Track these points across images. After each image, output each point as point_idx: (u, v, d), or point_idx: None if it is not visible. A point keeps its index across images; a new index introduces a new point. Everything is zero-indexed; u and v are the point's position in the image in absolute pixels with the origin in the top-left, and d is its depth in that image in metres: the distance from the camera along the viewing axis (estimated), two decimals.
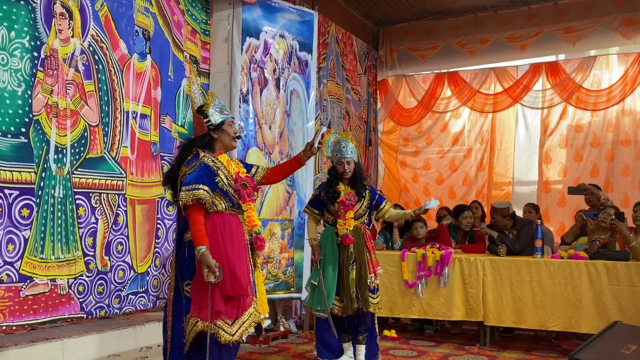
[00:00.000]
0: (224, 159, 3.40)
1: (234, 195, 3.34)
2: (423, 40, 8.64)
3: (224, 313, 3.21)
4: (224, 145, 3.45)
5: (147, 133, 4.68)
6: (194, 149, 3.38)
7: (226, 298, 3.21)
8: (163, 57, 4.86)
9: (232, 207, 3.35)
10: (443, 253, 5.50)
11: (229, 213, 3.34)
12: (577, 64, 7.87)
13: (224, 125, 3.42)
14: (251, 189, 3.41)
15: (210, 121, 3.39)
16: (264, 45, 5.48)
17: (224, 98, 5.26)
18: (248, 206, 3.39)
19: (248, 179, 3.43)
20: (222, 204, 3.31)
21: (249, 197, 3.39)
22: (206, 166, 3.29)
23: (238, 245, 3.30)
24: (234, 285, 3.20)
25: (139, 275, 4.58)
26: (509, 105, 8.25)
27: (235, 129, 3.50)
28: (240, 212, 3.39)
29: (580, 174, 7.68)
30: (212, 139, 3.42)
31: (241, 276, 3.23)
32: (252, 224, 3.40)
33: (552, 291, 5.13)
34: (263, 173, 3.66)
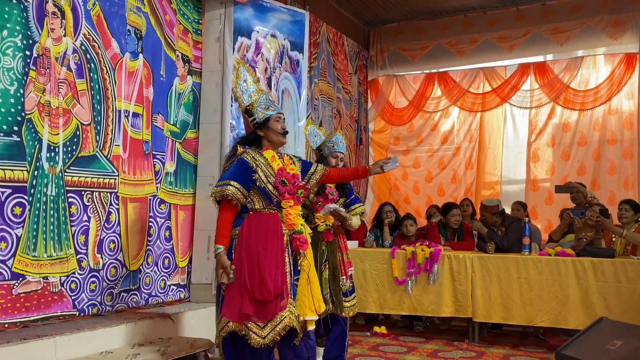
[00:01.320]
0: (269, 155, 3.32)
1: (273, 192, 3.26)
2: (413, 40, 8.66)
3: (254, 316, 3.15)
4: (271, 142, 3.39)
5: (139, 132, 4.65)
6: (236, 145, 3.38)
7: (257, 301, 3.15)
8: (155, 56, 4.83)
9: (271, 205, 3.28)
10: (432, 250, 5.51)
11: (267, 212, 3.27)
12: (564, 64, 7.92)
13: (270, 122, 3.37)
14: (291, 186, 3.30)
15: (255, 119, 3.36)
16: (255, 44, 5.47)
17: (215, 97, 5.25)
18: (288, 204, 3.30)
19: (288, 175, 3.31)
20: (259, 202, 3.25)
21: (289, 195, 3.29)
22: (243, 163, 3.24)
23: (272, 246, 3.22)
24: (261, 289, 3.14)
25: (131, 272, 4.56)
26: (498, 105, 8.29)
27: (282, 124, 3.42)
28: (280, 210, 3.30)
29: (567, 173, 7.72)
30: (259, 136, 3.38)
31: (269, 280, 3.15)
32: (291, 223, 3.31)
33: (540, 288, 5.15)
34: (321, 173, 3.55)
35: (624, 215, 5.32)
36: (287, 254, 3.30)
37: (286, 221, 3.31)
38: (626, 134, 7.53)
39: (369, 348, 5.18)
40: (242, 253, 3.21)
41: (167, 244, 4.96)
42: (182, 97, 5.15)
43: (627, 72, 7.50)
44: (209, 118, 5.29)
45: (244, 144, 3.40)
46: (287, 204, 3.30)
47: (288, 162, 3.42)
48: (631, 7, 7.31)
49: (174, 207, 5.04)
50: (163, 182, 4.91)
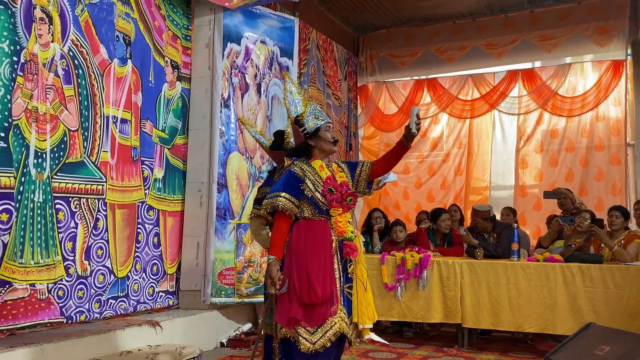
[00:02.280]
0: (317, 165, 3.32)
1: (322, 201, 3.26)
2: (402, 46, 8.68)
3: (303, 321, 3.13)
4: (322, 152, 3.37)
5: (127, 138, 4.63)
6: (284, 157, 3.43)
7: (306, 306, 3.13)
8: (144, 62, 4.82)
9: (320, 213, 3.28)
10: (422, 256, 5.51)
11: (316, 219, 3.27)
12: (552, 71, 7.96)
13: (320, 132, 3.35)
14: (339, 194, 3.30)
15: (306, 129, 3.35)
16: (245, 50, 5.47)
17: (205, 103, 5.25)
18: (336, 212, 3.30)
19: (336, 184, 3.32)
20: (309, 210, 3.26)
21: (337, 203, 3.29)
22: (291, 174, 3.25)
23: (320, 252, 3.21)
24: (309, 293, 3.12)
25: (119, 279, 4.53)
26: (486, 111, 8.32)
27: (332, 133, 3.41)
28: (329, 218, 3.31)
29: (555, 179, 7.75)
30: (309, 146, 3.37)
31: (317, 283, 3.13)
32: (340, 230, 3.30)
33: (528, 293, 5.15)
34: (368, 169, 3.47)
35: (614, 222, 5.33)
36: (336, 260, 3.29)
37: (335, 228, 3.31)
38: (613, 140, 7.57)
39: (358, 354, 5.17)
40: (291, 258, 3.22)
41: (155, 250, 4.93)
42: (171, 103, 5.13)
43: (614, 79, 7.55)
44: (198, 124, 5.28)
45: (294, 154, 3.43)
46: (335, 211, 3.30)
47: (337, 170, 3.41)
48: (618, 14, 7.37)
49: (163, 213, 5.02)
50: (151, 188, 4.89)
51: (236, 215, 5.27)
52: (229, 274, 5.18)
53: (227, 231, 5.20)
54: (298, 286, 3.13)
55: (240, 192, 5.34)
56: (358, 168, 3.47)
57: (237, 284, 5.21)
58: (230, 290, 5.17)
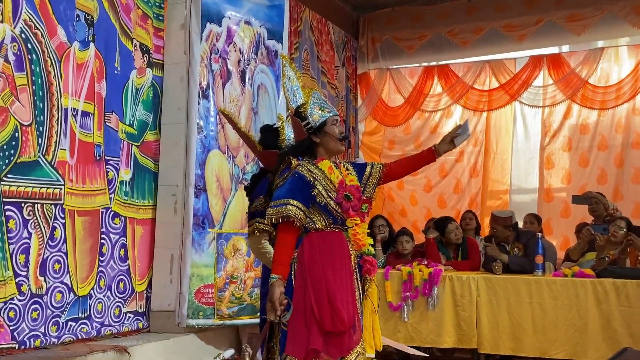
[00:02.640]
0: (326, 166, 3.23)
1: (336, 209, 3.19)
2: (409, 28, 8.68)
3: (324, 352, 3.03)
4: (328, 151, 3.29)
5: (89, 133, 4.61)
6: (288, 157, 3.27)
7: (326, 335, 3.04)
8: (108, 46, 4.80)
9: (335, 223, 3.20)
10: (432, 271, 5.50)
11: (331, 230, 3.19)
12: (582, 56, 7.97)
13: (326, 127, 3.25)
14: (356, 201, 3.22)
15: (310, 123, 3.26)
16: (226, 32, 5.45)
17: (180, 93, 5.23)
18: (353, 222, 3.22)
19: (352, 189, 3.24)
20: (321, 221, 3.17)
21: (354, 211, 3.22)
22: (300, 177, 3.14)
23: (340, 270, 3.14)
24: (334, 320, 3.03)
25: (80, 298, 4.51)
26: (506, 103, 8.33)
27: (340, 128, 3.32)
28: (345, 229, 3.24)
29: (586, 181, 7.76)
30: (314, 143, 3.28)
31: (341, 307, 3.05)
32: (359, 243, 3.24)
33: (555, 314, 5.15)
34: (379, 172, 3.41)
35: None
36: (355, 278, 3.23)
37: (354, 241, 3.25)
38: None
39: None
40: (305, 278, 3.11)
41: (122, 264, 4.92)
42: (140, 93, 5.12)
43: None
44: (172, 117, 5.26)
45: (296, 153, 3.30)
46: (352, 221, 3.23)
47: (345, 172, 3.33)
48: None
49: (130, 221, 5.00)
50: (117, 192, 4.87)
51: (216, 223, 5.25)
52: (208, 291, 5.16)
53: (206, 242, 5.18)
54: (318, 311, 3.03)
55: (221, 196, 5.32)
56: (367, 170, 3.42)
57: (217, 303, 5.19)
58: (210, 311, 5.15)
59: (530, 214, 6.94)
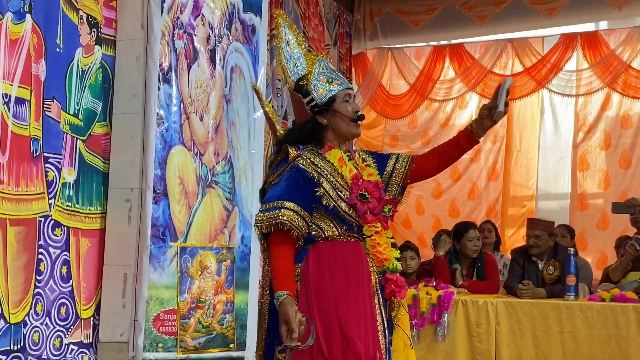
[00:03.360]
0: (336, 157, 3.07)
1: (349, 213, 3.04)
2: (415, 0, 8.71)
3: None
4: (338, 135, 3.14)
5: (24, 125, 4.59)
6: (285, 145, 3.10)
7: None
8: (49, 19, 4.78)
9: (349, 231, 3.05)
10: (441, 294, 5.52)
11: (344, 240, 3.05)
12: (624, 35, 8.05)
13: (336, 103, 3.09)
14: (376, 202, 3.05)
15: (314, 100, 3.11)
16: (193, 3, 5.45)
17: (136, 76, 5.21)
18: (373, 229, 3.05)
19: (369, 185, 3.07)
20: (331, 228, 3.02)
21: (373, 215, 3.04)
22: (299, 172, 3.00)
23: (357, 292, 2.97)
24: (345, 354, 2.89)
25: (12, 326, 4.47)
26: (532, 91, 8.41)
27: (355, 105, 3.17)
28: (363, 239, 3.08)
29: (627, 185, 7.84)
30: (320, 126, 3.13)
31: (357, 339, 2.90)
32: (381, 257, 3.07)
33: (590, 346, 5.19)
34: (407, 165, 3.26)
35: None
36: (377, 302, 3.07)
37: (373, 255, 3.08)
38: None
39: None
40: (310, 302, 2.95)
41: (64, 285, 4.89)
42: (87, 76, 5.10)
43: None
44: (127, 106, 5.24)
45: (296, 140, 3.14)
46: (371, 228, 3.06)
47: (362, 164, 3.19)
48: None
49: (75, 232, 4.98)
50: (59, 197, 4.84)
51: (180, 235, 5.24)
52: (170, 318, 5.14)
53: (167, 258, 5.16)
54: (327, 345, 2.89)
55: (186, 202, 5.31)
56: (389, 164, 3.28)
57: (180, 333, 5.17)
58: (171, 342, 5.14)
59: (561, 226, 6.98)
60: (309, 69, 3.21)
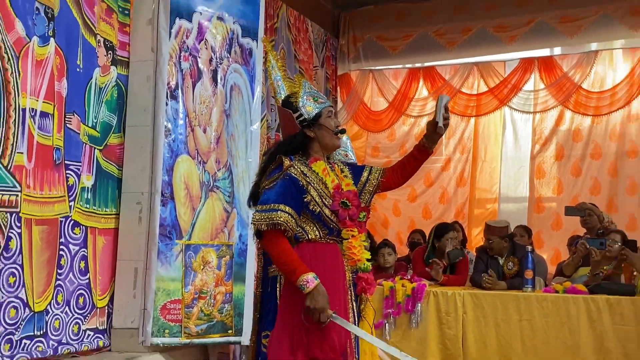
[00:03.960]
0: (320, 168, 3.10)
1: (331, 218, 3.06)
2: (393, 27, 8.74)
3: None
4: (323, 146, 3.17)
5: (48, 136, 4.57)
6: (278, 156, 3.12)
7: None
8: (70, 42, 4.77)
9: (330, 234, 3.08)
10: (415, 286, 5.53)
11: (324, 242, 3.07)
12: (575, 59, 8.08)
13: (322, 119, 3.13)
14: (355, 209, 3.10)
15: (303, 115, 3.12)
16: (197, 29, 5.44)
17: (146, 93, 5.21)
18: (350, 233, 3.09)
19: (351, 194, 3.11)
20: (314, 231, 3.05)
21: (352, 221, 3.08)
22: (291, 180, 3.02)
23: (334, 288, 2.98)
24: (322, 346, 2.91)
25: (36, 314, 4.45)
26: (496, 108, 8.42)
27: (336, 121, 3.21)
28: (341, 242, 3.11)
29: (578, 191, 7.86)
30: (307, 138, 3.15)
31: (334, 333, 2.93)
32: (355, 258, 3.10)
33: (545, 333, 5.21)
34: (379, 177, 3.30)
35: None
36: (349, 297, 3.11)
37: (348, 256, 3.11)
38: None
39: None
40: (294, 296, 2.95)
41: (82, 278, 4.87)
42: (103, 92, 5.09)
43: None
44: (138, 119, 5.23)
45: (287, 151, 3.16)
46: (349, 232, 3.10)
47: (341, 175, 3.22)
48: None
49: (92, 231, 4.96)
50: (78, 200, 4.83)
51: (185, 234, 5.22)
52: (175, 307, 5.13)
53: (173, 254, 5.15)
54: (305, 335, 2.92)
55: (190, 205, 5.30)
56: (364, 174, 3.31)
57: (185, 320, 5.16)
58: (177, 329, 5.12)
59: (520, 226, 7.00)
60: (295, 89, 3.23)
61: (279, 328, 2.97)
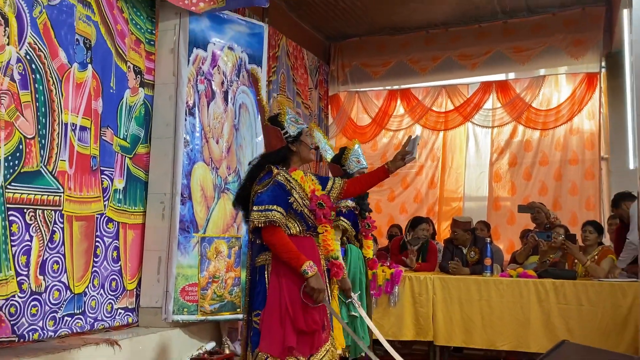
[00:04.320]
0: (299, 176, 3.19)
1: (309, 216, 3.16)
2: (375, 56, 8.75)
3: (297, 350, 2.98)
4: (301, 159, 3.27)
5: (86, 146, 4.58)
6: (267, 165, 3.20)
7: (299, 333, 3.00)
8: (105, 67, 4.78)
9: (307, 229, 3.17)
10: (393, 271, 5.54)
11: (303, 236, 3.16)
12: (526, 83, 8.11)
13: (302, 136, 3.25)
14: (328, 209, 3.20)
15: (288, 132, 3.22)
16: (211, 57, 5.45)
17: (169, 111, 5.22)
18: (324, 228, 3.20)
19: (325, 197, 3.21)
20: (296, 227, 3.13)
21: (326, 218, 3.19)
22: (280, 185, 3.09)
23: None
24: (307, 319, 3.00)
25: (75, 295, 4.45)
26: (460, 124, 8.43)
27: (312, 139, 3.33)
28: (316, 235, 3.21)
29: (529, 193, 7.87)
30: (290, 152, 3.24)
31: (314, 309, 3.02)
32: (328, 249, 3.22)
33: (501, 310, 5.22)
34: (340, 187, 3.38)
35: (588, 238, 5.42)
36: (325, 281, 3.20)
37: (323, 246, 3.22)
38: (587, 154, 7.73)
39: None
40: (280, 280, 3.05)
41: (114, 265, 4.87)
42: (133, 110, 5.10)
43: (588, 92, 7.72)
44: (162, 132, 5.25)
45: (273, 161, 3.24)
46: (323, 228, 3.21)
47: (312, 182, 3.29)
48: (592, 26, 7.54)
49: (123, 226, 4.96)
50: (111, 200, 4.83)
51: (200, 228, 5.23)
52: (192, 290, 5.13)
53: (191, 245, 5.16)
54: (292, 312, 2.99)
55: (205, 204, 5.31)
56: (329, 184, 3.39)
57: (200, 300, 5.16)
58: (193, 308, 5.13)
59: (480, 221, 7.02)
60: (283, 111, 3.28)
61: (269, 307, 3.03)
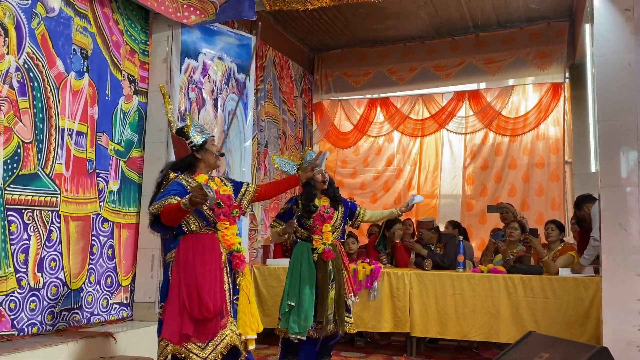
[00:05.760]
0: (202, 179, 3.27)
1: (210, 214, 3.22)
2: (356, 66, 8.75)
3: (194, 336, 3.07)
4: (207, 165, 3.35)
5: (82, 150, 4.52)
6: (167, 171, 3.29)
7: (196, 321, 3.07)
8: (101, 76, 4.73)
9: (208, 226, 3.23)
10: (373, 268, 5.54)
11: (204, 232, 3.22)
12: (496, 92, 8.14)
13: (207, 145, 3.33)
14: (227, 208, 3.26)
15: (193, 142, 3.29)
16: (202, 66, 5.42)
17: (161, 117, 5.16)
18: (223, 225, 3.27)
19: (224, 197, 3.28)
20: (196, 223, 3.20)
21: (225, 216, 3.26)
22: (178, 183, 3.20)
23: (209, 265, 3.16)
24: (200, 308, 3.07)
25: (72, 291, 4.40)
26: (436, 130, 8.45)
27: (217, 147, 3.40)
28: (217, 231, 3.27)
29: (499, 194, 7.90)
30: (196, 159, 3.31)
31: (208, 298, 3.08)
32: (229, 243, 3.28)
33: (473, 303, 5.23)
34: (253, 192, 3.53)
35: (550, 235, 5.47)
36: (225, 272, 3.25)
37: (224, 241, 3.28)
38: (553, 158, 7.79)
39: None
40: (180, 275, 3.14)
41: (109, 262, 4.82)
42: (127, 116, 5.05)
43: (553, 101, 7.78)
44: (155, 137, 5.20)
45: (176, 168, 3.35)
46: (222, 225, 3.28)
47: (220, 184, 3.40)
48: (557, 40, 7.60)
49: (117, 225, 4.91)
50: (106, 201, 4.78)
51: None
52: None
53: None
54: (188, 302, 3.08)
55: None
56: (243, 188, 3.52)
57: None
58: None
59: (450, 221, 7.03)
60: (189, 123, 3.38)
61: (170, 298, 3.12)
